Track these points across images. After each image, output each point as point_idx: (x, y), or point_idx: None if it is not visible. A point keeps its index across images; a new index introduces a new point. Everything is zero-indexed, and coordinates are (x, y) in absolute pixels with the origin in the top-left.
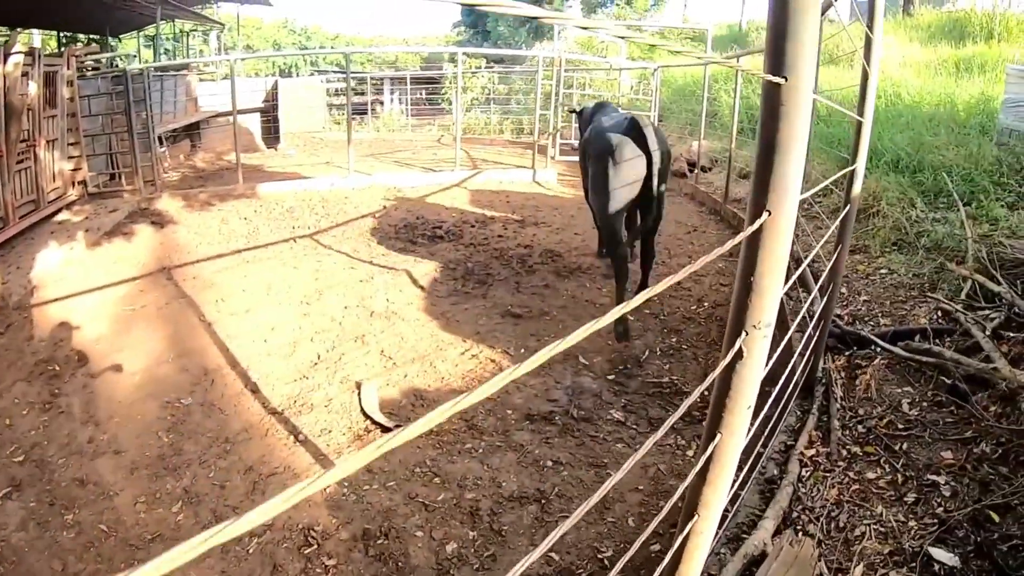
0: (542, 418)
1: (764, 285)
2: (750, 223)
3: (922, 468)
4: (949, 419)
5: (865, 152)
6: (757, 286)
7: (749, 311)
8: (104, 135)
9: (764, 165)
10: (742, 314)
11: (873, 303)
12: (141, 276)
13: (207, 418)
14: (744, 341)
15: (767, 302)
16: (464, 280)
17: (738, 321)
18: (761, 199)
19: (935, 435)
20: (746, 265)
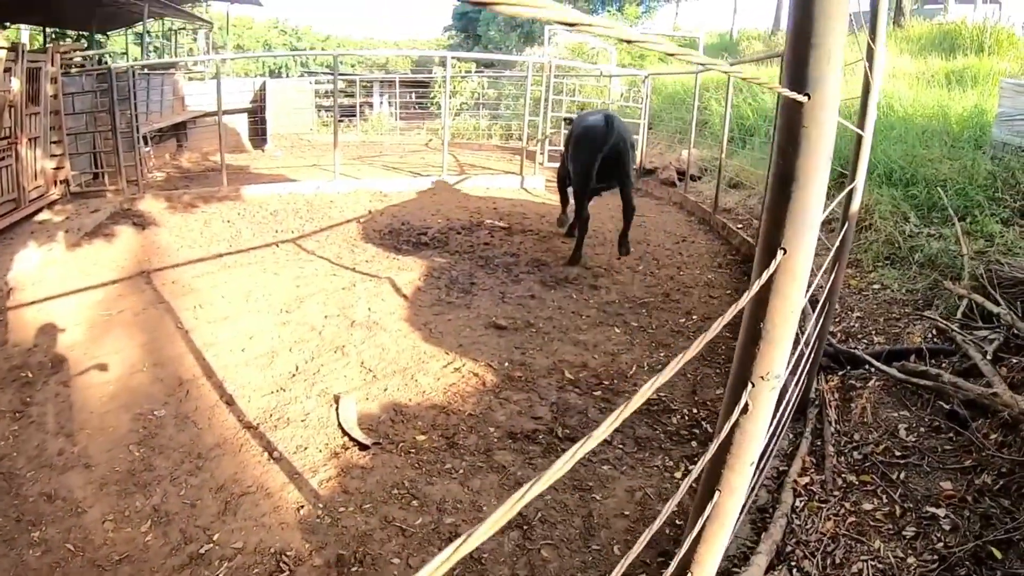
0: (525, 437)
1: (776, 334)
2: (762, 264)
3: (921, 499)
4: (948, 446)
5: (865, 167)
6: (767, 334)
7: (757, 361)
8: (88, 133)
9: (779, 196)
10: (748, 364)
11: (866, 319)
12: (120, 280)
13: (180, 431)
14: (750, 394)
15: (778, 351)
16: (448, 289)
17: (743, 371)
18: (775, 235)
19: (934, 463)
20: (755, 310)
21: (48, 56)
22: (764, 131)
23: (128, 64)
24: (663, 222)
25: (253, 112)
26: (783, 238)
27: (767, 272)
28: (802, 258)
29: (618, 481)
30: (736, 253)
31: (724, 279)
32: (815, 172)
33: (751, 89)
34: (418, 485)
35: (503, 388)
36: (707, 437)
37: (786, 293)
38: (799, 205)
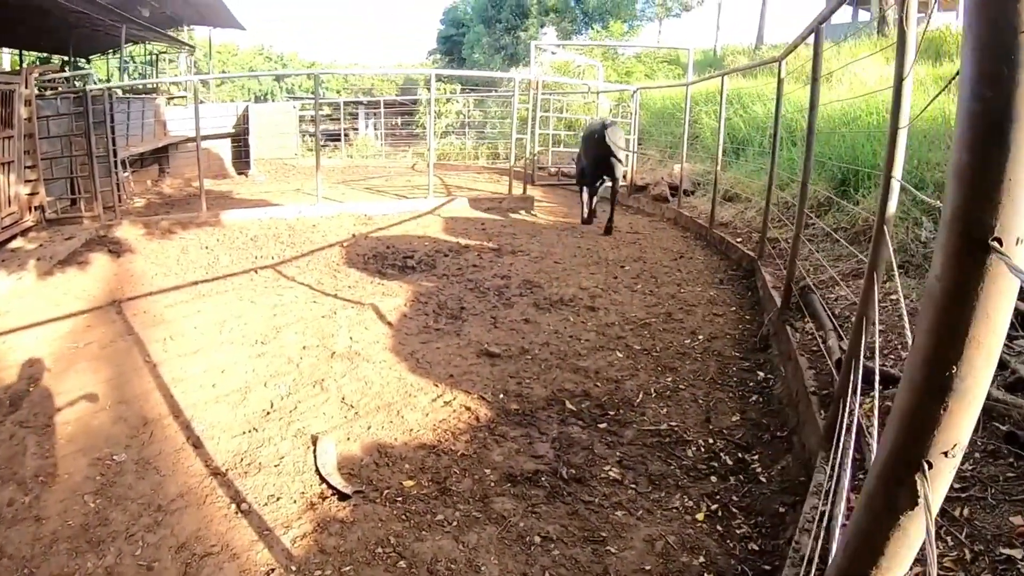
0: (526, 479)
1: (972, 381)
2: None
3: (991, 539)
4: (1011, 474)
5: (902, 163)
6: (960, 384)
7: (941, 428)
8: (64, 158)
9: (982, 154)
10: (923, 432)
11: (889, 333)
12: (90, 310)
13: (140, 479)
14: (924, 478)
15: (973, 409)
16: (436, 315)
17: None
18: (977, 218)
19: (998, 495)
20: (941, 344)
21: (22, 78)
22: (757, 142)
23: (104, 87)
24: (659, 239)
25: (236, 137)
26: (995, 222)
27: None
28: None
29: (635, 529)
30: (737, 268)
31: (727, 295)
32: None
33: (742, 101)
34: (405, 541)
35: (499, 423)
36: (727, 470)
37: (995, 315)
38: (1021, 167)
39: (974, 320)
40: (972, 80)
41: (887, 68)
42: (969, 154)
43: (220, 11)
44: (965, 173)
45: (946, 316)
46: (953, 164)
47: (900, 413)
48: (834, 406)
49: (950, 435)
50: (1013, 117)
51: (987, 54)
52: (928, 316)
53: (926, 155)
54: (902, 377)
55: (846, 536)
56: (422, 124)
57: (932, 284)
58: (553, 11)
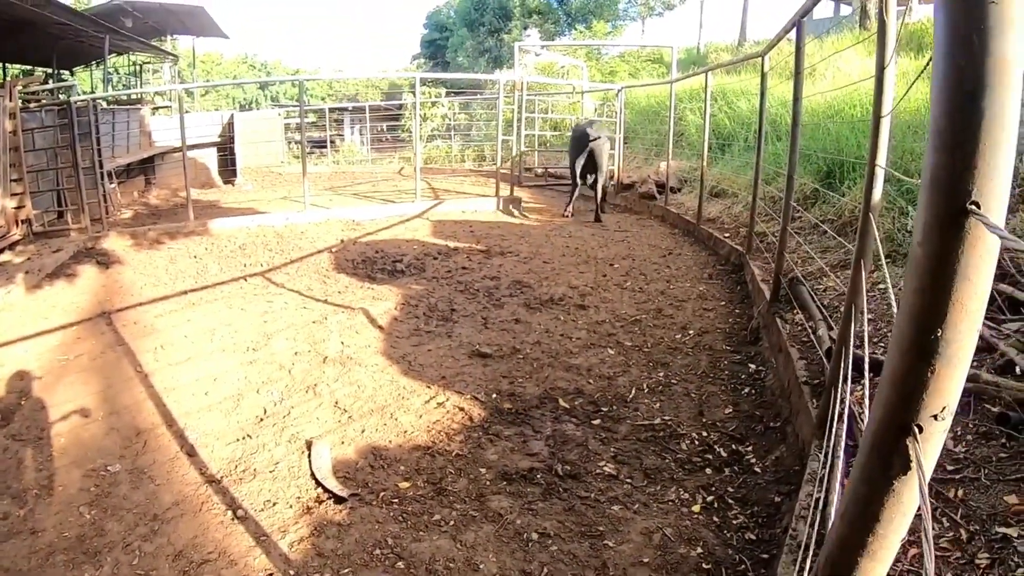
0: (522, 477)
1: (959, 346)
2: (936, 233)
3: (987, 519)
4: (1003, 454)
5: (885, 150)
6: (947, 347)
7: (929, 391)
8: (51, 171)
9: (960, 118)
10: (912, 397)
11: (878, 321)
12: (79, 322)
13: (135, 489)
14: (915, 442)
15: (959, 371)
16: (427, 318)
17: (902, 409)
18: (956, 183)
19: (992, 475)
20: (925, 308)
21: (6, 91)
22: (743, 138)
23: (88, 98)
24: (647, 236)
25: (222, 146)
26: (972, 186)
27: (946, 244)
28: (999, 219)
29: (631, 522)
30: (725, 263)
31: (716, 290)
32: (1009, 80)
33: (726, 97)
34: (403, 542)
35: (492, 422)
36: (722, 462)
37: (976, 278)
38: (995, 128)
39: (956, 283)
40: (945, 48)
41: (869, 61)
42: (946, 120)
43: (203, 20)
44: (942, 139)
45: (929, 280)
46: (931, 131)
47: (889, 379)
48: (825, 395)
49: (938, 398)
50: (986, 83)
51: (959, 22)
52: (912, 281)
53: (910, 145)
54: (889, 343)
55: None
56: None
57: (915, 250)
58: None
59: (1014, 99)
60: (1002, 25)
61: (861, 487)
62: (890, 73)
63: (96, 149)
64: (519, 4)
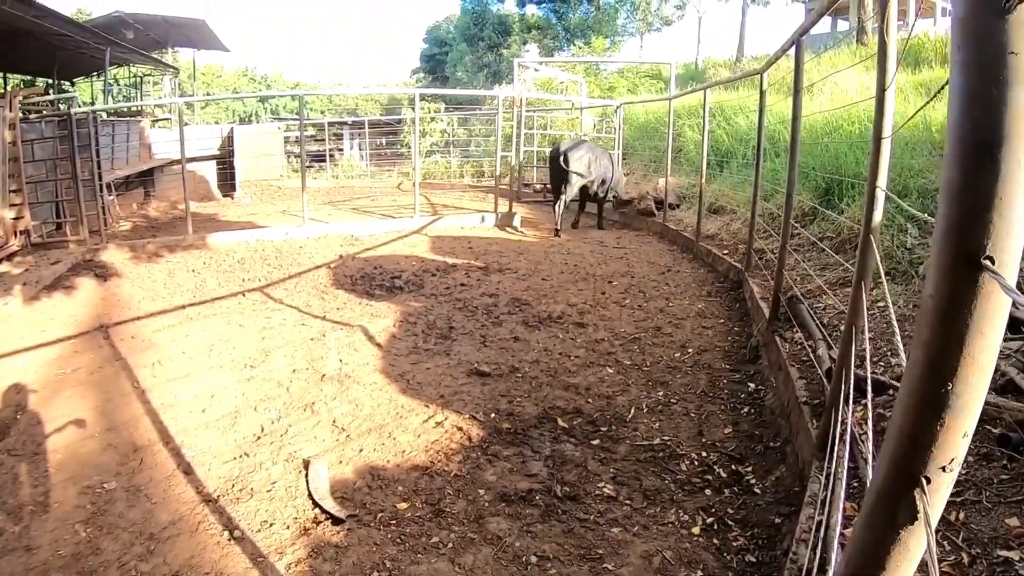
0: (520, 499)
1: (968, 397)
2: (949, 285)
3: (988, 542)
4: (1004, 476)
5: (886, 171)
6: (956, 399)
7: (938, 443)
8: (50, 182)
9: (974, 171)
10: (920, 448)
11: (878, 340)
12: (77, 335)
13: (131, 507)
14: (923, 494)
15: (968, 422)
16: (425, 335)
17: (910, 460)
18: (969, 236)
19: (993, 498)
20: (936, 360)
21: (6, 101)
22: (741, 154)
23: (89, 110)
24: (646, 253)
25: (222, 159)
26: (986, 240)
27: (958, 298)
28: (1012, 273)
29: (631, 545)
30: (724, 280)
31: (715, 308)
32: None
33: (724, 114)
34: (401, 565)
35: (491, 442)
36: (721, 483)
37: (988, 332)
38: (1010, 181)
39: (968, 337)
40: (961, 99)
41: (867, 77)
42: (959, 172)
43: (204, 34)
44: (956, 191)
45: (940, 333)
46: (944, 181)
47: (897, 430)
48: (826, 415)
49: (947, 451)
50: (1003, 136)
51: (976, 74)
52: (923, 333)
53: (908, 162)
54: (898, 394)
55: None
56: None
57: (926, 301)
58: (535, 28)
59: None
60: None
61: (866, 535)
62: (891, 95)
63: (96, 161)
64: (518, 19)
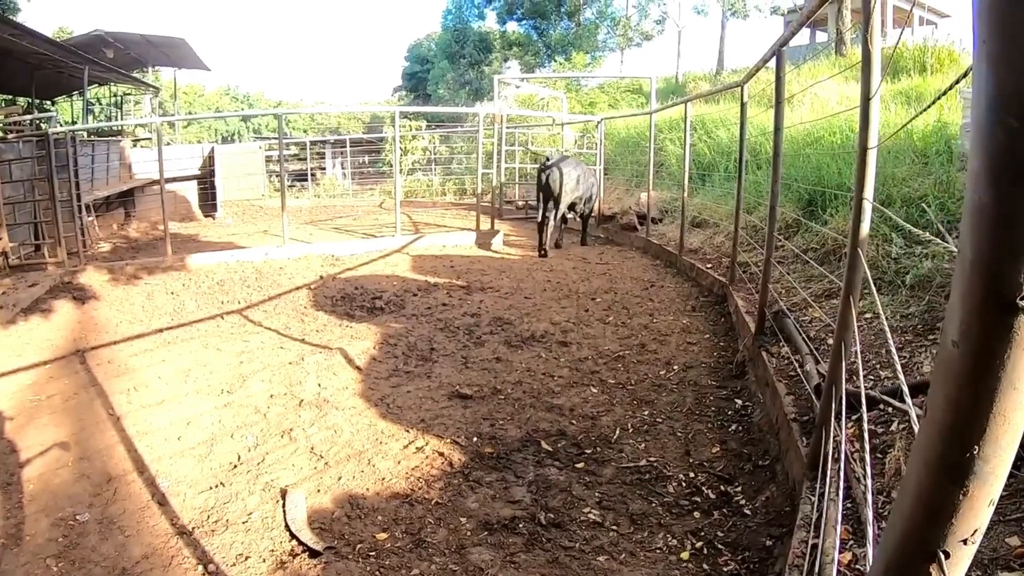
0: (503, 527)
1: (996, 460)
2: (973, 328)
3: (988, 563)
4: (1003, 493)
5: (872, 183)
6: (983, 464)
7: (959, 513)
8: (28, 203)
9: (1010, 193)
10: (939, 519)
11: (867, 352)
12: (54, 360)
13: (104, 540)
14: (940, 570)
15: (995, 489)
16: (406, 357)
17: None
18: (1003, 274)
19: (992, 517)
20: (957, 416)
21: None
22: (723, 167)
23: (67, 129)
24: (629, 268)
25: (203, 179)
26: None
27: (990, 346)
28: None
29: (618, 574)
30: (708, 294)
31: (700, 323)
32: None
33: (706, 127)
34: None
35: (473, 468)
36: (710, 504)
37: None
38: None
39: (999, 392)
40: (990, 107)
41: (847, 88)
42: (991, 194)
43: (185, 53)
44: (986, 218)
45: (967, 388)
46: (969, 206)
47: (911, 498)
48: (816, 433)
49: (970, 522)
50: None
51: (1010, 69)
52: (944, 388)
53: (892, 171)
54: (911, 457)
55: None
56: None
57: (948, 351)
58: (516, 45)
59: None
60: None
61: None
62: (875, 105)
63: (74, 181)
64: (499, 36)
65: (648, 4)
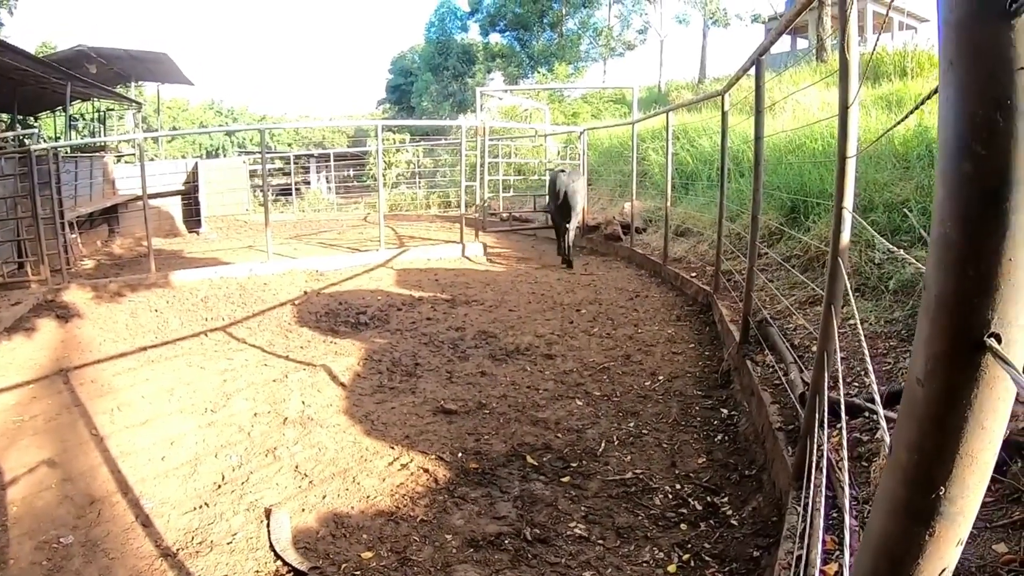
0: (489, 543)
1: (964, 500)
2: (938, 367)
3: (976, 570)
4: (989, 499)
5: (852, 192)
6: (949, 505)
7: (924, 555)
8: (10, 220)
9: (975, 225)
10: (903, 563)
11: (851, 359)
12: (36, 380)
13: (88, 563)
14: None
15: (963, 529)
16: (390, 373)
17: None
18: (968, 311)
19: (979, 523)
20: (922, 458)
21: None
22: (706, 175)
23: (49, 146)
24: (613, 279)
25: (187, 194)
26: (991, 314)
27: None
28: (1022, 352)
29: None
30: (693, 303)
31: (685, 332)
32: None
33: (688, 136)
34: None
35: (458, 484)
36: (697, 516)
37: (992, 424)
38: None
39: (966, 433)
40: (957, 134)
41: (828, 94)
42: (957, 227)
43: (168, 67)
44: (952, 252)
45: (932, 428)
46: (935, 240)
47: (876, 538)
48: (801, 442)
49: (937, 563)
50: (1013, 180)
51: (976, 99)
52: (910, 428)
53: (873, 176)
54: (875, 498)
55: None
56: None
57: (914, 390)
58: (499, 56)
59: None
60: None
61: None
62: (854, 114)
63: (57, 198)
64: (482, 48)
65: (630, 14)
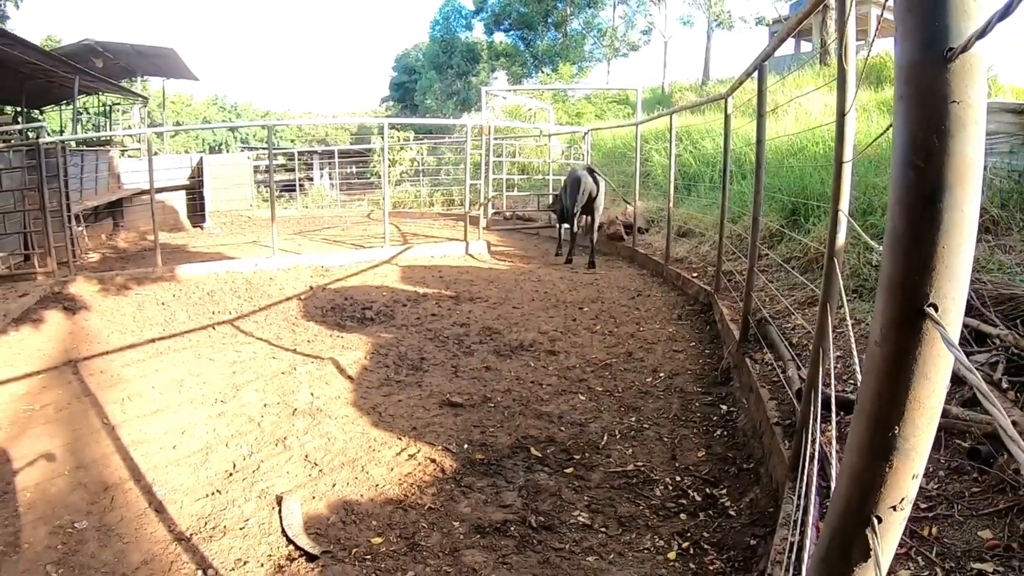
0: (495, 530)
1: (917, 440)
2: (895, 334)
3: (962, 555)
4: (976, 489)
5: (848, 194)
6: (904, 443)
7: (887, 484)
8: (17, 212)
9: (918, 223)
10: (870, 490)
11: (847, 358)
12: (46, 370)
13: (103, 547)
14: (874, 533)
15: (918, 464)
16: (397, 367)
17: (860, 502)
18: (912, 286)
19: (965, 511)
20: (883, 407)
21: None
22: (708, 177)
23: (58, 139)
24: (616, 278)
25: (191, 189)
26: (930, 289)
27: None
28: (956, 319)
29: (607, 573)
30: (694, 303)
31: (686, 331)
32: (969, 181)
33: (691, 137)
34: None
35: (464, 474)
36: (696, 506)
37: (934, 376)
38: (954, 230)
39: (914, 383)
40: (904, 149)
41: (830, 98)
42: (903, 222)
43: (174, 63)
44: (900, 241)
45: (887, 380)
46: (888, 231)
47: (848, 473)
48: (797, 436)
49: (897, 491)
50: (945, 186)
51: (918, 124)
52: (870, 380)
53: (872, 180)
54: (848, 437)
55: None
56: (377, 172)
57: (873, 349)
58: (503, 55)
59: (973, 200)
60: (963, 125)
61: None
62: (851, 120)
63: (64, 191)
64: (486, 47)
65: (634, 15)
